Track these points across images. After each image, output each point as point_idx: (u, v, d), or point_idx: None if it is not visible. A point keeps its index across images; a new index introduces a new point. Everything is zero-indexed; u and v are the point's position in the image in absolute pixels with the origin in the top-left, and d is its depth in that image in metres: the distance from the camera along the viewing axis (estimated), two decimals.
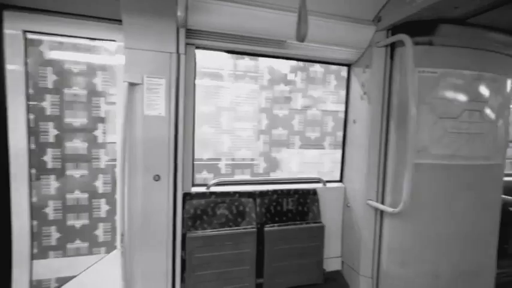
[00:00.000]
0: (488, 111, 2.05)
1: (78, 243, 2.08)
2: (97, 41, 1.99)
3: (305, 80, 2.67)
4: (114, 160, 2.07)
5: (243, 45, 2.09)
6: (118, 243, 1.99)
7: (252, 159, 2.57)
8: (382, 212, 2.20)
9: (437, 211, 2.08)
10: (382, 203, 2.21)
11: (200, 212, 2.13)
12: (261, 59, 2.47)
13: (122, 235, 1.79)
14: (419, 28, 1.96)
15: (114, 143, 2.07)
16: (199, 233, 2.03)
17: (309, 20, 1.96)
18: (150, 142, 1.83)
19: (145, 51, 1.75)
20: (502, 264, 2.77)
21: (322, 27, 2.05)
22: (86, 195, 2.07)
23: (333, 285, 2.35)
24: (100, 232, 2.11)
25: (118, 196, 1.81)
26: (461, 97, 1.99)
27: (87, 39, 1.96)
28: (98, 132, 2.06)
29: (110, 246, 2.12)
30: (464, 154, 2.04)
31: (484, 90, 2.02)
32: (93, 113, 2.05)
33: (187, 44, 1.99)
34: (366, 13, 2.11)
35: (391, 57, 2.14)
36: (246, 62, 2.47)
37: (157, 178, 1.85)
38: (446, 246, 2.09)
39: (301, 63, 2.61)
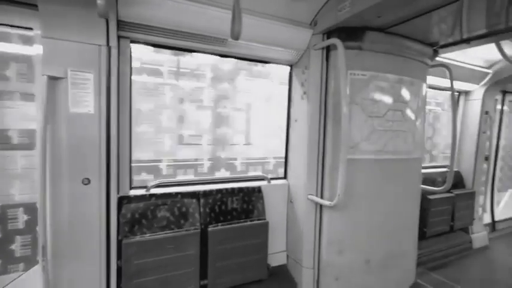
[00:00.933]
0: (408, 111, 2.31)
1: None
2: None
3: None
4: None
5: (184, 42, 2.03)
6: (39, 256, 1.77)
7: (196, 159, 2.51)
8: (321, 205, 2.33)
9: (369, 202, 2.28)
10: (322, 197, 2.34)
11: (139, 216, 2.00)
12: None
13: (43, 247, 1.59)
14: (350, 34, 2.12)
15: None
16: (137, 238, 1.91)
17: (250, 20, 2.00)
18: (77, 142, 1.66)
19: (68, 41, 1.58)
20: (422, 246, 3.17)
21: (262, 27, 2.09)
22: None
23: (278, 280, 2.42)
24: (17, 246, 1.85)
25: (39, 204, 1.60)
26: (386, 98, 2.21)
27: None
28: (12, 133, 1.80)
29: (30, 262, 1.87)
30: (390, 149, 2.27)
31: (405, 93, 2.27)
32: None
33: (120, 36, 1.86)
34: (303, 17, 2.20)
35: (327, 60, 2.27)
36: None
37: (86, 182, 1.69)
38: (376, 233, 2.31)
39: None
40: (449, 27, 2.07)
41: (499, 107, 4.54)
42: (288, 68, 2.60)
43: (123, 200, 1.98)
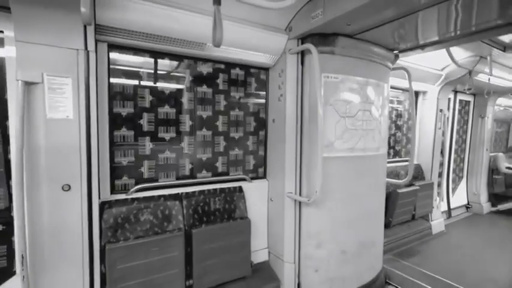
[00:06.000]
0: (374, 110, 2.51)
1: None
2: None
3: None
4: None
5: (162, 46, 2.05)
6: (17, 267, 1.70)
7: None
8: (300, 202, 2.46)
9: (343, 196, 2.44)
10: (300, 194, 2.48)
11: (121, 220, 1.99)
12: None
13: (22, 257, 1.54)
14: (323, 39, 2.27)
15: None
16: (121, 243, 1.90)
17: (229, 26, 2.07)
18: (56, 148, 1.62)
19: (44, 46, 1.54)
20: (388, 234, 3.45)
21: (241, 32, 2.17)
22: None
23: (261, 276, 2.52)
24: None
25: (15, 212, 1.54)
26: (356, 99, 2.39)
27: None
28: None
29: (6, 274, 1.79)
30: (360, 147, 2.45)
31: (371, 94, 2.47)
32: None
33: (98, 40, 1.83)
34: (279, 23, 2.32)
35: (302, 63, 2.41)
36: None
37: (67, 188, 1.66)
38: (350, 225, 2.48)
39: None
40: (408, 35, 2.30)
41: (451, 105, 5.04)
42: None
43: (104, 205, 1.95)
